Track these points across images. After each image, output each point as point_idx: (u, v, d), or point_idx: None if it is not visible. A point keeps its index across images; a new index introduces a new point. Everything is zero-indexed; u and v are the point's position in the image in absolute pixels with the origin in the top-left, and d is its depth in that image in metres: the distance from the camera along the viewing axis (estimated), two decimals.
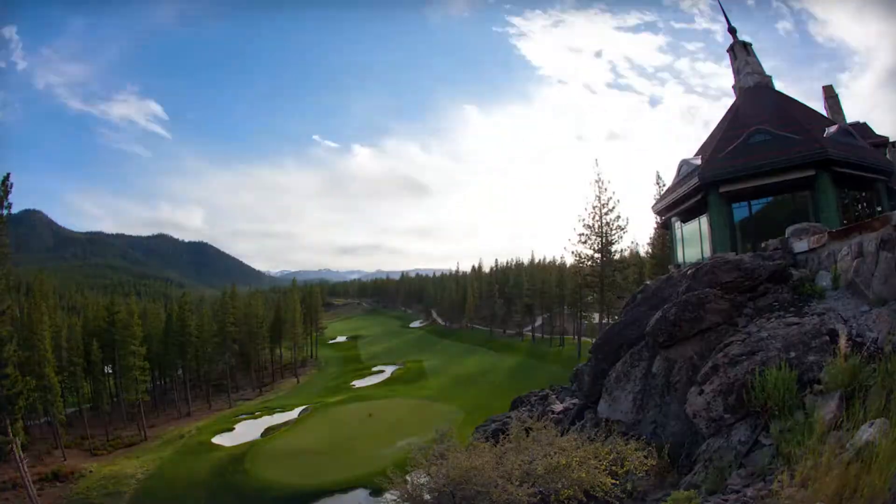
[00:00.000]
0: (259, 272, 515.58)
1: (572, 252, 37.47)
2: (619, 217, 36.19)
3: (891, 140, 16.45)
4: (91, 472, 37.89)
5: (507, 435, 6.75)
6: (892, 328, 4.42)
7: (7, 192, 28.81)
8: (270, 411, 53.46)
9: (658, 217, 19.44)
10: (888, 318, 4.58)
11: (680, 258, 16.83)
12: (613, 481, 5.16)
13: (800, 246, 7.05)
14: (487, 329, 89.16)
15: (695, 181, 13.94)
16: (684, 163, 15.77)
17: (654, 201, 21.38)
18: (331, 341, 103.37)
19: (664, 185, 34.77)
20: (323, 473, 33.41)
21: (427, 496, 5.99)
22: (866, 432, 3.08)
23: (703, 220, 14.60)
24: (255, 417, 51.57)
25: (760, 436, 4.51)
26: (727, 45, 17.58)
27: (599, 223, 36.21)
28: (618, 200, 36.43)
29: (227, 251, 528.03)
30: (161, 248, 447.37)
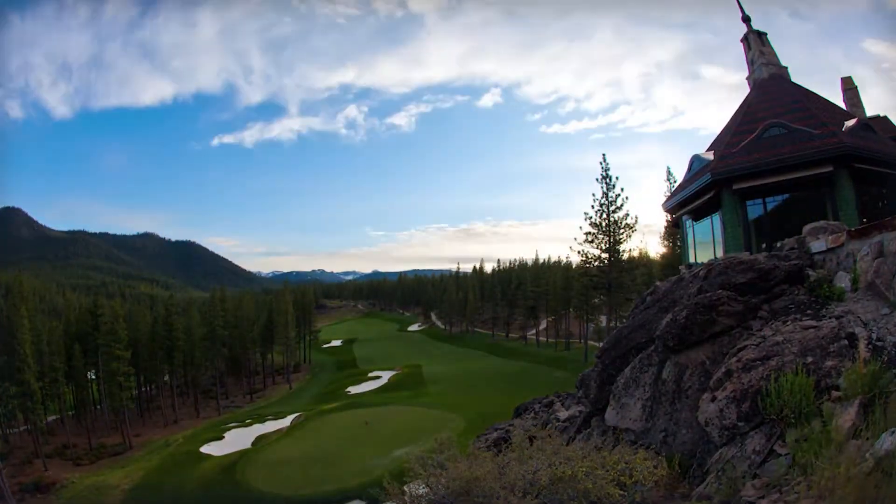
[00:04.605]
0: (249, 273, 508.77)
1: (579, 252, 36.73)
2: (627, 215, 35.52)
3: None
4: (74, 482, 37.09)
5: (510, 444, 6.56)
6: None
7: None
8: (262, 419, 52.53)
9: (668, 215, 19.06)
10: None
11: (691, 258, 16.38)
12: (621, 492, 4.99)
13: (817, 245, 6.86)
14: (489, 332, 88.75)
15: (707, 178, 13.49)
16: (696, 158, 15.34)
17: (664, 198, 21.09)
18: (325, 345, 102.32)
19: (675, 182, 34.37)
20: (317, 484, 32.82)
21: None
22: (887, 441, 3.00)
23: (716, 218, 14.16)
24: (246, 425, 50.61)
25: (776, 445, 4.38)
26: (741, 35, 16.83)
27: (607, 221, 35.49)
28: (626, 198, 35.77)
29: (215, 251, 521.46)
30: (147, 247, 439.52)
